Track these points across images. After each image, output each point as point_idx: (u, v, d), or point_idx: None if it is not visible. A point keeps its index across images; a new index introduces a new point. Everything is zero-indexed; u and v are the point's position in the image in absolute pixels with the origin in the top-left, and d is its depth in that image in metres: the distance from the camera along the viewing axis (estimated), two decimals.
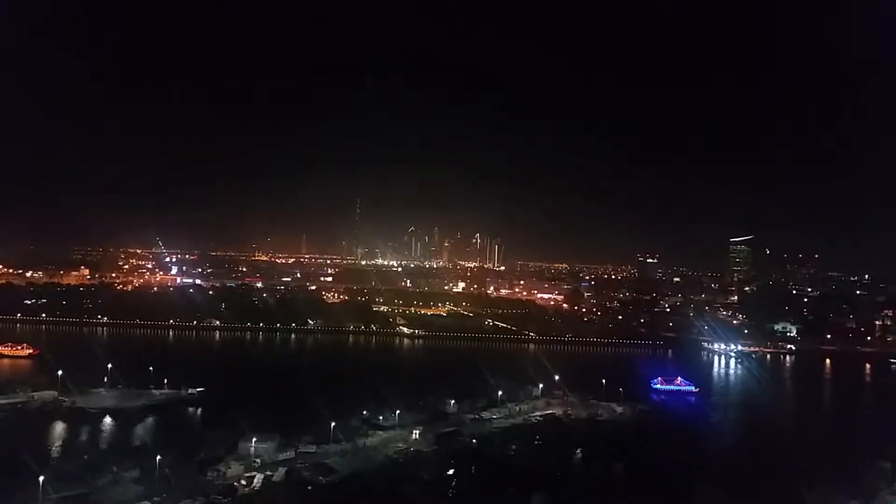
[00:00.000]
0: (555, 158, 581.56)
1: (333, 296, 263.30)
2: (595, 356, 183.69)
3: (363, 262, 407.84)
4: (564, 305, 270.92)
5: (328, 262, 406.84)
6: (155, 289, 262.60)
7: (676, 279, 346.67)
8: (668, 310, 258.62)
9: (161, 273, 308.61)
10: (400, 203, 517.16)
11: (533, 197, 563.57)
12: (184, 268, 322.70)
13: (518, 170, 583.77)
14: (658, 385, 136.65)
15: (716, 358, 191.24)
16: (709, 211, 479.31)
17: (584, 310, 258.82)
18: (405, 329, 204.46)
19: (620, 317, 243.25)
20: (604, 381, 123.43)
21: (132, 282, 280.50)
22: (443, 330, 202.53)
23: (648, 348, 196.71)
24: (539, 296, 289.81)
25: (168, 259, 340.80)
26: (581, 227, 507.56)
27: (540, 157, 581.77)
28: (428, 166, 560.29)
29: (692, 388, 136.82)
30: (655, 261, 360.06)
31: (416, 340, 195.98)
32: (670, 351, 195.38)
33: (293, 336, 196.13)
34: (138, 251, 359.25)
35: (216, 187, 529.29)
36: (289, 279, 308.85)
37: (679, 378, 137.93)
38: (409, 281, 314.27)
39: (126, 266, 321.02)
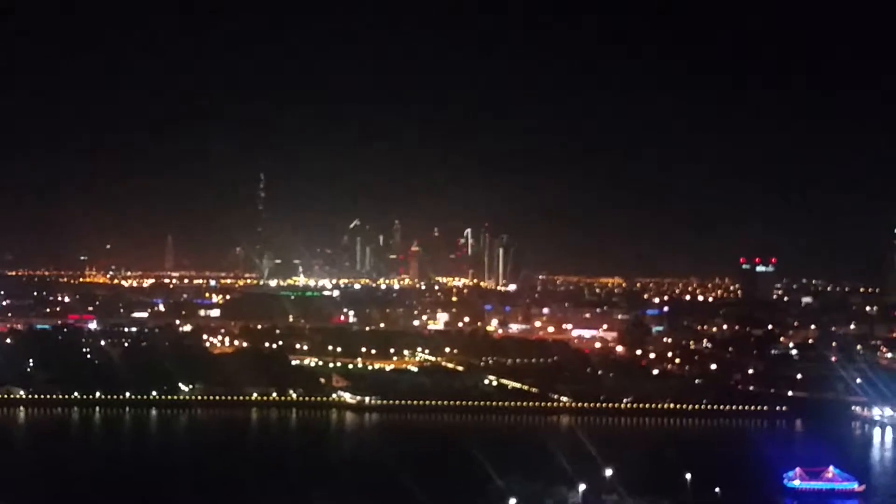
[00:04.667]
0: (594, 104, 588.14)
1: (223, 341, 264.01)
2: (672, 433, 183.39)
3: (272, 283, 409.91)
4: (619, 349, 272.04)
5: (213, 284, 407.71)
6: None
7: (806, 299, 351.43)
8: (795, 351, 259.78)
9: None
10: (332, 179, 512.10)
11: (562, 167, 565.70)
12: None
13: (540, 119, 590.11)
14: (795, 482, 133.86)
15: (879, 431, 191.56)
16: (854, 190, 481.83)
17: (652, 356, 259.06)
18: (347, 396, 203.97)
19: (715, 366, 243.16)
20: (688, 475, 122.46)
21: None
22: (412, 396, 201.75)
23: (764, 418, 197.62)
24: (576, 333, 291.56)
25: None
26: (643, 216, 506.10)
27: (573, 103, 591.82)
28: (379, 111, 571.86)
29: (854, 486, 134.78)
30: (771, 269, 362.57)
31: (367, 414, 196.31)
32: (800, 421, 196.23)
33: (154, 411, 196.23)
34: None
35: (12, 161, 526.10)
36: (145, 314, 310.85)
37: (831, 469, 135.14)
38: (353, 313, 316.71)
39: None
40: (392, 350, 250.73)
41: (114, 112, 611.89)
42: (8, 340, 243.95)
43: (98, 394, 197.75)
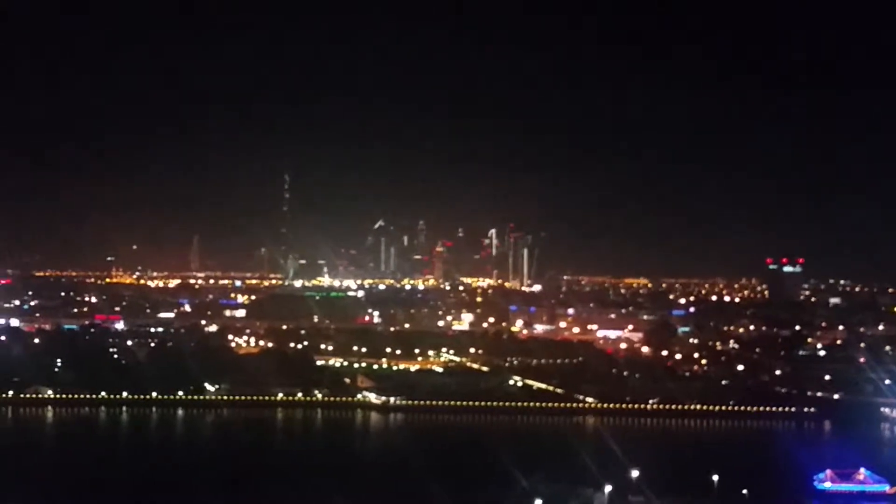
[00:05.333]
0: (620, 104, 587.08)
1: (248, 341, 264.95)
2: (699, 435, 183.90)
3: (297, 284, 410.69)
4: (645, 350, 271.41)
5: (238, 284, 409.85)
6: None
7: (834, 300, 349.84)
8: (824, 353, 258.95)
9: None
10: (359, 180, 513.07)
11: (587, 166, 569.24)
12: None
13: (563, 117, 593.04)
14: (826, 484, 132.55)
15: None
16: (883, 190, 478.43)
17: (678, 356, 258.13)
18: (372, 396, 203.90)
19: (742, 367, 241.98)
20: (715, 477, 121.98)
21: None
22: (437, 396, 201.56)
23: (792, 419, 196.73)
24: (601, 334, 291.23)
25: None
26: (669, 216, 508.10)
27: (601, 102, 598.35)
28: (405, 110, 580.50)
29: (885, 488, 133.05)
30: (798, 270, 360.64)
31: (392, 415, 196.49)
32: (828, 423, 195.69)
33: (180, 411, 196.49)
34: None
35: (40, 163, 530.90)
36: (171, 315, 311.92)
37: (862, 471, 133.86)
38: (377, 314, 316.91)
39: None
40: (417, 350, 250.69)
41: (141, 113, 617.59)
42: (36, 340, 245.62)
43: (125, 394, 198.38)
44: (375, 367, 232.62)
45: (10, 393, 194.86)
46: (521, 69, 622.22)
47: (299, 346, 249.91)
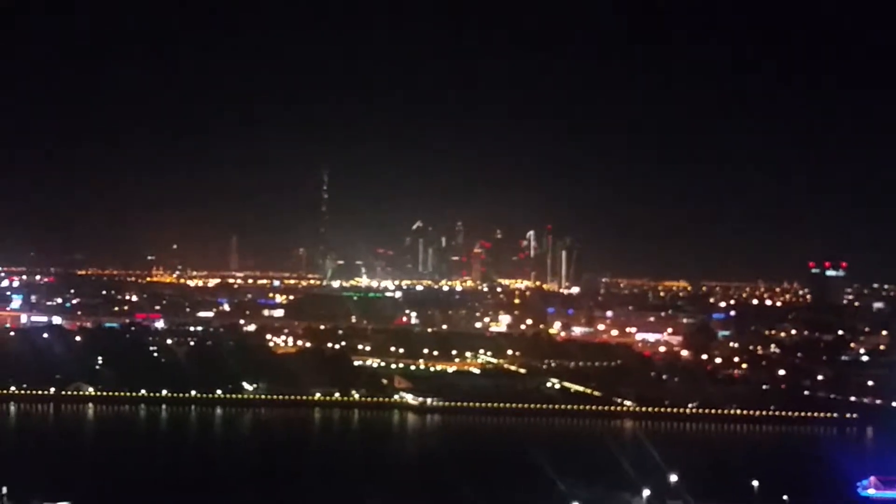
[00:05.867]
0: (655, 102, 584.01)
1: (286, 341, 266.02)
2: (739, 439, 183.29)
3: (335, 284, 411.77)
4: (684, 353, 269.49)
5: (276, 284, 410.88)
6: None
7: (878, 304, 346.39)
8: (867, 358, 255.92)
9: None
10: (397, 180, 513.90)
11: (626, 168, 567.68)
12: (32, 298, 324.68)
13: (604, 119, 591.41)
14: (870, 491, 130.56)
15: None
16: None
17: (718, 360, 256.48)
18: (409, 397, 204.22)
19: (783, 372, 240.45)
20: (755, 482, 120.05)
21: None
22: (474, 398, 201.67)
23: (835, 425, 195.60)
24: (640, 337, 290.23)
25: (6, 283, 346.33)
26: (710, 219, 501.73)
27: (638, 103, 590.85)
28: (442, 111, 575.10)
29: None
30: (841, 274, 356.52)
31: (429, 416, 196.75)
32: (871, 429, 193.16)
33: (219, 410, 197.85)
34: None
35: (82, 164, 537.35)
36: (210, 314, 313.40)
37: None
38: (415, 315, 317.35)
39: None
40: (454, 352, 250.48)
41: (183, 112, 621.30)
42: (78, 338, 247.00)
43: (164, 392, 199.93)
44: (413, 368, 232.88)
45: (52, 390, 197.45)
46: (564, 70, 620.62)
47: (337, 347, 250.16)
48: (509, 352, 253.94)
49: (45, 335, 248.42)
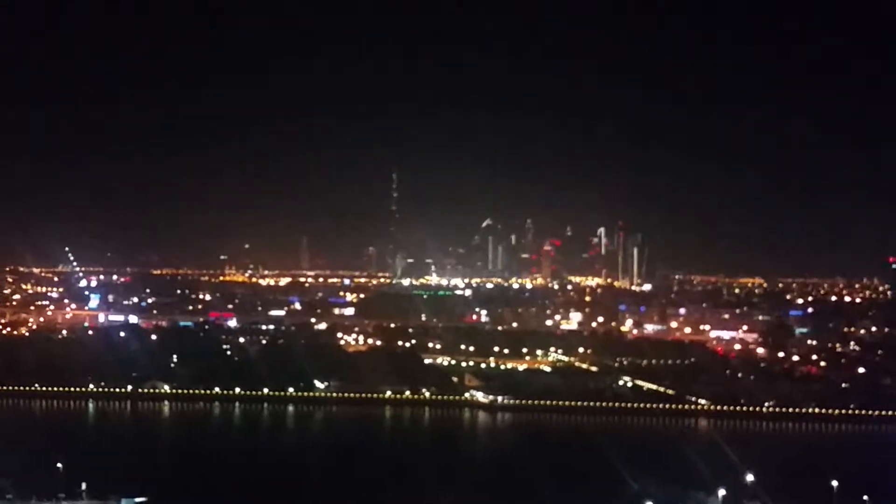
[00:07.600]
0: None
1: (357, 339, 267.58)
2: (817, 439, 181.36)
3: (405, 283, 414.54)
4: (760, 351, 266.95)
5: (347, 283, 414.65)
6: (63, 332, 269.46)
7: None
8: None
9: (73, 306, 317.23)
10: (467, 179, 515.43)
11: (701, 164, 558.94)
12: (110, 297, 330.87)
13: (677, 117, 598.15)
14: None
15: None
16: None
17: (795, 358, 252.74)
18: (480, 395, 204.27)
19: (862, 369, 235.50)
20: (835, 482, 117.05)
21: (26, 321, 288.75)
22: (545, 396, 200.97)
23: None
24: (714, 335, 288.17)
25: (84, 283, 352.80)
26: (786, 214, 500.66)
27: (712, 101, 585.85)
28: (512, 109, 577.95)
29: None
30: None
31: (500, 414, 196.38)
32: None
33: (291, 407, 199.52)
34: (35, 270, 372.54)
35: (156, 166, 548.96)
36: (282, 313, 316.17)
37: None
38: (485, 313, 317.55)
39: (16, 295, 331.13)
40: (524, 350, 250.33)
41: (255, 114, 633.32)
42: (153, 337, 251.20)
43: (237, 390, 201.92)
44: (483, 366, 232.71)
45: (129, 388, 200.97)
46: (634, 69, 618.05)
47: (407, 345, 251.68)
48: (580, 350, 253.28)
49: (122, 334, 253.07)
